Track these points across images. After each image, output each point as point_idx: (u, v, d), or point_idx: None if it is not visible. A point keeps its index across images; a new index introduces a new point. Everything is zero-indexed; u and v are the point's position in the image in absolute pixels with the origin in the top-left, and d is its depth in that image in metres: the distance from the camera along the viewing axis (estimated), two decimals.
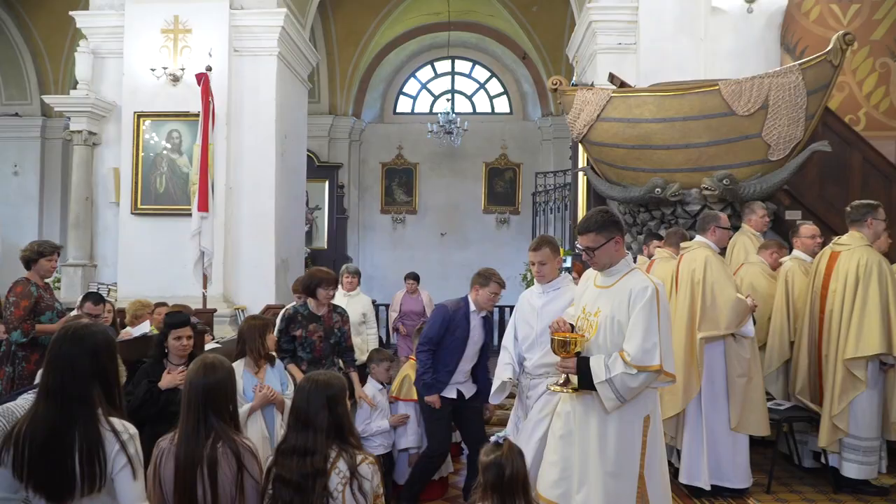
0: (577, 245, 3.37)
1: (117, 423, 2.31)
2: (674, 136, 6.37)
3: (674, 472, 4.86)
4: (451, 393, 4.63)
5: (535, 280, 4.14)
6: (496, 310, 11.64)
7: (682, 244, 5.04)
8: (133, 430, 2.35)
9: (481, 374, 4.81)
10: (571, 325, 3.27)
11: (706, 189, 6.40)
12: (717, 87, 6.20)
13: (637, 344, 3.01)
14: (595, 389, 3.06)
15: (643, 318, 3.04)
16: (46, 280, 5.22)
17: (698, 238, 4.83)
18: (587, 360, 3.10)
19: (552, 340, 3.19)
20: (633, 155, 6.65)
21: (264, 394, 3.92)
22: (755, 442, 4.88)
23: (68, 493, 2.20)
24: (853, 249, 4.72)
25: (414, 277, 8.58)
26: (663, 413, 4.57)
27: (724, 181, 6.26)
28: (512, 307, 12.53)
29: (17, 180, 13.75)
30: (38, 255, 5.12)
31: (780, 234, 6.56)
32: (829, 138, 6.52)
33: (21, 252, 5.31)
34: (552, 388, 3.29)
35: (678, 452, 4.71)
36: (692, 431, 4.54)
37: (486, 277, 4.58)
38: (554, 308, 3.87)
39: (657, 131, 6.41)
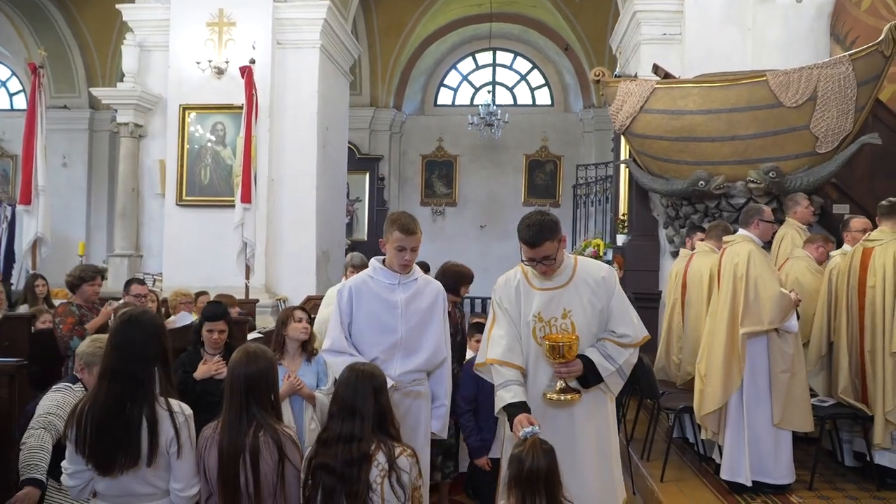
0: (524, 258, 3.07)
1: (174, 403, 2.50)
2: (719, 127, 6.26)
3: (715, 468, 4.80)
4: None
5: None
6: None
7: (725, 238, 4.95)
8: (188, 410, 2.54)
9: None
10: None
11: (752, 182, 6.27)
12: (764, 78, 6.07)
13: (630, 323, 3.09)
14: (599, 383, 3.06)
15: (624, 299, 3.14)
16: (96, 304, 5.32)
17: (741, 232, 4.73)
18: (588, 357, 3.02)
19: (543, 346, 2.98)
20: (676, 147, 6.55)
21: (291, 382, 3.92)
22: (798, 439, 4.78)
23: (127, 468, 2.38)
24: (886, 243, 4.65)
25: (422, 266, 8.01)
26: (704, 408, 4.53)
27: (771, 174, 6.13)
28: None
29: (66, 172, 14.14)
30: (80, 280, 5.20)
31: (828, 229, 6.39)
32: (879, 131, 6.31)
33: (66, 277, 5.40)
34: (554, 398, 3.00)
35: (720, 448, 4.64)
36: (734, 427, 4.47)
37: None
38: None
39: (702, 123, 6.30)
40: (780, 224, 5.89)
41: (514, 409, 2.90)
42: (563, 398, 3.00)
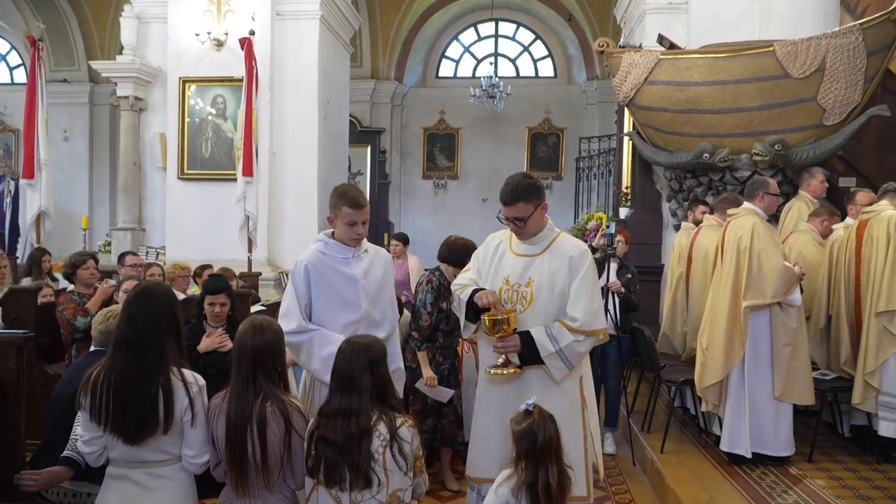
0: (501, 216, 3.10)
1: (188, 374, 2.57)
2: (724, 99, 6.20)
3: (715, 439, 4.84)
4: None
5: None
6: None
7: (729, 211, 4.93)
8: (202, 381, 2.61)
9: None
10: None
11: (757, 155, 6.23)
12: (771, 49, 5.99)
13: (585, 308, 2.97)
14: (539, 363, 2.97)
15: (588, 283, 3.01)
16: (95, 286, 5.36)
17: (746, 205, 4.71)
18: (529, 334, 2.97)
19: (482, 321, 2.97)
20: (681, 119, 6.49)
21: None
22: (798, 411, 4.81)
23: (142, 435, 2.45)
24: (880, 213, 4.67)
25: (401, 239, 7.20)
26: (705, 380, 4.55)
27: (776, 146, 6.08)
28: None
29: (67, 146, 14.11)
30: (73, 267, 5.22)
31: (834, 202, 6.36)
32: (888, 102, 6.25)
33: (62, 271, 5.49)
34: (493, 373, 3.02)
35: (720, 420, 4.67)
36: (735, 399, 4.49)
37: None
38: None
39: (707, 95, 6.24)
40: (787, 197, 5.86)
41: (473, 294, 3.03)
42: (501, 372, 3.00)
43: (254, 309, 5.62)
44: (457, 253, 4.55)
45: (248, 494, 2.56)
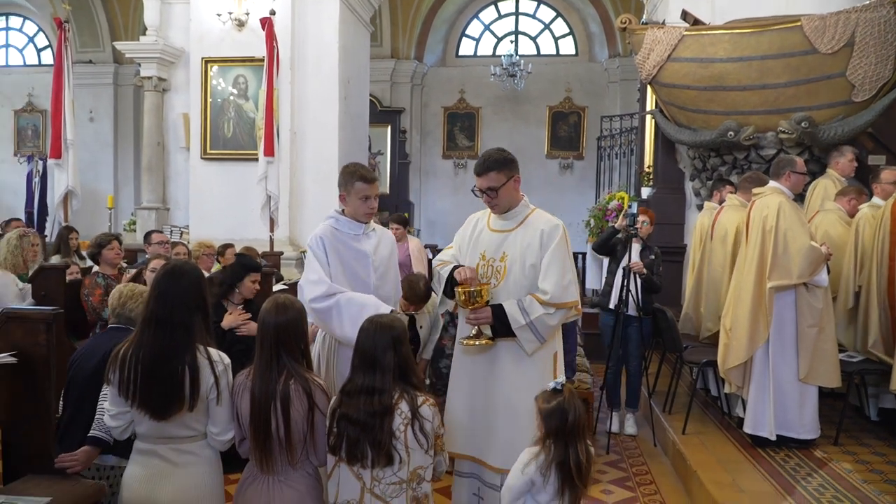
0: (475, 188, 3.17)
1: (214, 352, 2.61)
2: (750, 76, 6.09)
3: (738, 421, 4.82)
4: None
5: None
6: None
7: (755, 190, 4.85)
8: (227, 360, 2.64)
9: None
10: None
11: (783, 132, 6.12)
12: (798, 24, 5.87)
13: (555, 281, 3.01)
14: (511, 336, 3.02)
15: (559, 257, 3.05)
16: (120, 267, 5.47)
17: (772, 184, 4.64)
18: (501, 307, 3.04)
19: (457, 294, 3.03)
20: (705, 97, 6.40)
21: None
22: (825, 394, 4.76)
23: (169, 411, 2.49)
24: None
25: (400, 221, 6.96)
26: (729, 362, 4.52)
27: (803, 124, 5.98)
28: (575, 254, 12.34)
29: (92, 126, 14.25)
30: (99, 247, 5.41)
31: (862, 181, 6.24)
32: None
33: (87, 251, 5.69)
34: (465, 343, 3.09)
35: (743, 402, 4.64)
36: (759, 381, 4.46)
37: None
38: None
39: (732, 71, 6.14)
40: (814, 176, 5.76)
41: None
42: (474, 343, 3.06)
43: (276, 288, 5.67)
44: None
45: (271, 470, 2.59)
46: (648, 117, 8.27)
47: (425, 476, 2.63)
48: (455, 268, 3.15)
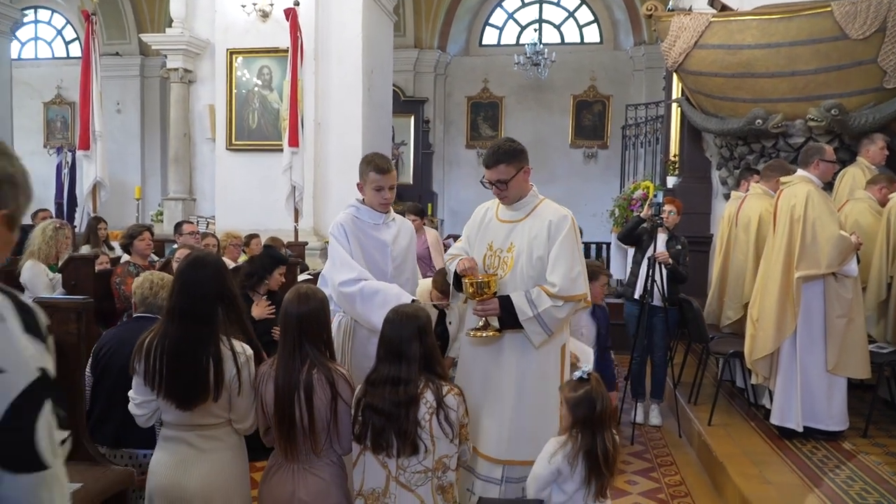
0: (484, 180, 3.15)
1: (237, 343, 2.63)
2: (779, 62, 5.98)
3: (765, 412, 4.77)
4: None
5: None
6: None
7: (782, 179, 4.78)
8: (250, 351, 2.67)
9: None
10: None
11: (812, 120, 6.01)
12: (829, 9, 5.74)
13: (563, 274, 2.97)
14: (518, 328, 2.99)
15: (567, 248, 3.01)
16: (150, 259, 5.57)
17: (800, 172, 4.57)
18: (509, 298, 3.00)
19: (464, 285, 3.00)
20: (732, 84, 6.30)
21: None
22: (853, 385, 4.70)
23: (194, 401, 2.52)
24: None
25: (417, 212, 6.52)
26: (756, 352, 4.48)
27: (833, 111, 5.86)
28: (600, 244, 12.20)
29: (120, 118, 14.42)
30: (130, 238, 5.54)
31: (893, 169, 6.11)
32: None
33: (119, 242, 5.86)
34: (472, 335, 3.07)
35: (770, 393, 4.60)
36: (786, 372, 4.41)
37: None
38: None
39: (760, 58, 6.03)
40: (843, 164, 5.66)
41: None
42: (481, 335, 3.04)
43: (300, 278, 5.71)
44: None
45: (296, 459, 2.62)
46: (674, 105, 8.18)
47: (450, 465, 2.64)
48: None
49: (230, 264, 5.82)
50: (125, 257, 5.65)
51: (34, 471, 1.21)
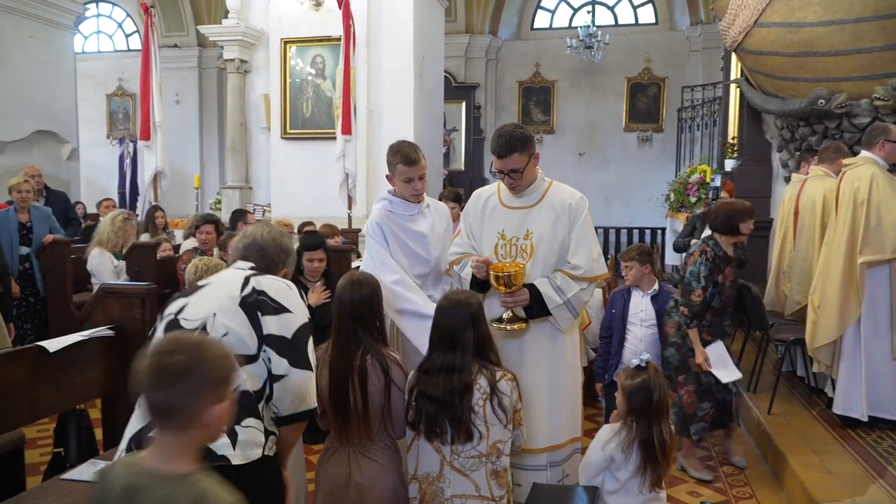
0: (494, 170, 3.07)
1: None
2: (843, 40, 5.76)
3: (827, 401, 4.64)
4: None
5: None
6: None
7: (845, 161, 4.62)
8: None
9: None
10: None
11: (878, 99, 5.78)
12: None
13: (586, 255, 3.00)
14: (545, 315, 2.98)
15: (587, 230, 3.04)
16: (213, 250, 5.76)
17: (864, 153, 4.40)
18: (535, 286, 2.97)
19: (492, 278, 2.94)
20: (794, 63, 6.10)
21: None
22: None
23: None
24: None
25: (455, 198, 5.91)
26: (818, 340, 4.35)
27: None
28: (655, 228, 12.04)
29: (178, 109, 14.79)
30: (195, 228, 5.75)
31: None
32: None
33: (184, 233, 6.32)
34: (500, 328, 3.00)
35: (832, 382, 4.47)
36: (849, 360, 4.28)
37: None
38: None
39: (823, 36, 5.82)
40: None
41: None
42: (509, 328, 3.01)
43: (354, 264, 5.79)
44: (724, 218, 4.25)
45: (350, 443, 2.67)
46: (733, 86, 7.97)
47: (504, 450, 2.66)
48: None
49: None
50: (186, 245, 5.83)
51: (307, 369, 2.16)
